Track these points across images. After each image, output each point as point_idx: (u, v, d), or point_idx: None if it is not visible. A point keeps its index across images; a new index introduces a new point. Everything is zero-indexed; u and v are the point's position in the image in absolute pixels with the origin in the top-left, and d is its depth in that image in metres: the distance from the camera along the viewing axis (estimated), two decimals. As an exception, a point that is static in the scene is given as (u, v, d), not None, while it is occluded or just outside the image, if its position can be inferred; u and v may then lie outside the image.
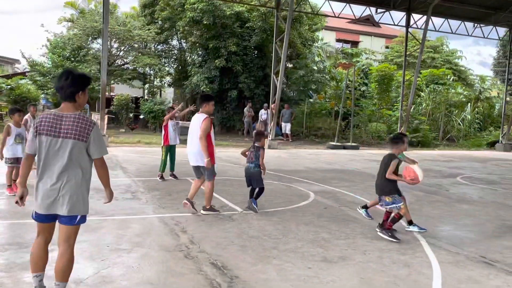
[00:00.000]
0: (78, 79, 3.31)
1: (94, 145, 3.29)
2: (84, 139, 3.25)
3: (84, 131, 3.25)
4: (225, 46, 20.89)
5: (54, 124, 3.23)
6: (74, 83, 3.28)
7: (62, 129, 3.23)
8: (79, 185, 3.29)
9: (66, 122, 3.24)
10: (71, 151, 3.23)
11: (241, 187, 8.74)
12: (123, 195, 7.51)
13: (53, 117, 3.26)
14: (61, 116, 3.26)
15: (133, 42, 23.22)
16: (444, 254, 5.10)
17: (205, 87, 21.10)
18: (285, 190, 8.70)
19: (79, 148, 3.26)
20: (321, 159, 14.63)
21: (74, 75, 3.31)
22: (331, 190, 8.93)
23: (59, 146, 3.23)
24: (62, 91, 3.28)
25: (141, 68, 23.96)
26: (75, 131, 3.23)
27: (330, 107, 23.37)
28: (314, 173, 11.32)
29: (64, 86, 3.26)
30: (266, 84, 21.78)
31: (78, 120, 3.24)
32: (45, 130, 3.23)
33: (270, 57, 20.84)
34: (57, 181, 3.23)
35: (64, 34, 23.76)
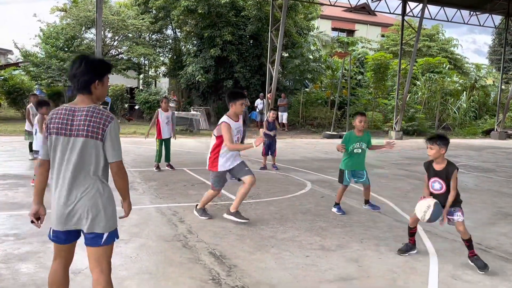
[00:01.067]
0: (94, 65, 2.67)
1: (110, 145, 2.63)
2: (99, 136, 2.60)
3: (98, 126, 2.60)
4: (220, 35, 20.77)
5: (65, 121, 2.62)
6: (89, 70, 2.65)
7: (73, 125, 2.61)
8: (100, 195, 2.66)
9: (78, 117, 2.61)
10: (83, 151, 2.60)
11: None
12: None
13: (65, 111, 2.65)
14: (73, 110, 2.64)
15: (127, 32, 23.02)
16: (440, 242, 5.15)
17: (200, 77, 21.02)
18: (282, 179, 8.72)
19: (94, 147, 2.62)
20: (318, 149, 14.65)
21: (89, 60, 2.68)
22: (328, 179, 8.96)
23: (71, 146, 2.61)
24: (75, 81, 2.65)
25: (136, 58, 23.78)
26: (87, 127, 2.59)
27: (326, 96, 23.35)
28: (311, 162, 11.33)
29: (77, 75, 2.64)
30: (262, 74, 21.70)
31: (91, 114, 2.61)
32: (55, 128, 2.63)
33: (266, 46, 20.74)
34: (72, 191, 2.62)
35: (57, 24, 23.50)
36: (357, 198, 7.34)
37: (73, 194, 2.61)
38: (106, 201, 2.68)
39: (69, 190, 2.61)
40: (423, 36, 31.08)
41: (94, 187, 2.64)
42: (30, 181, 7.40)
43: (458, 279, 4.06)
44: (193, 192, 7.23)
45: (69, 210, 2.61)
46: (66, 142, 2.61)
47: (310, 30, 24.56)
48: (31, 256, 4.14)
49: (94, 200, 2.63)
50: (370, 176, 6.58)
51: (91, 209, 2.62)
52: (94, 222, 2.63)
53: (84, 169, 2.61)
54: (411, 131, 21.98)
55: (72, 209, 2.61)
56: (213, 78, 21.65)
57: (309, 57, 22.56)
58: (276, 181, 8.50)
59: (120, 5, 25.86)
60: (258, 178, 8.69)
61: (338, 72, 23.05)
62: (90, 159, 2.61)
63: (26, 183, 7.34)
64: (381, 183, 8.77)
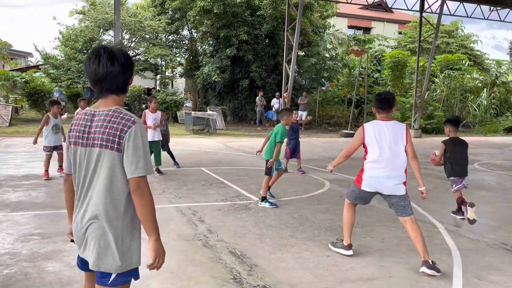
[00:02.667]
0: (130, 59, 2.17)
1: (129, 156, 2.04)
2: (116, 145, 2.05)
3: (115, 134, 2.05)
4: (236, 35, 20.81)
5: (83, 128, 2.14)
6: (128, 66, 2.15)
7: (90, 133, 2.11)
8: (113, 224, 2.08)
9: (95, 123, 2.12)
10: (99, 166, 2.09)
11: (256, 176, 8.77)
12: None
13: (84, 117, 2.17)
14: (92, 114, 2.15)
15: (144, 33, 23.26)
16: (464, 241, 5.07)
17: (216, 77, 21.10)
18: (300, 179, 8.70)
19: (111, 161, 2.06)
20: (335, 147, 14.57)
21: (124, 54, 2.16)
22: (347, 178, 8.91)
23: (88, 159, 2.12)
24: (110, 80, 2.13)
25: (153, 59, 24.01)
26: (102, 135, 2.07)
27: (342, 94, 23.21)
28: (328, 161, 11.18)
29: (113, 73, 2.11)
30: (278, 73, 21.68)
31: (109, 119, 2.08)
32: (74, 137, 2.17)
33: (282, 46, 20.70)
34: (84, 213, 2.13)
35: (76, 27, 23.89)
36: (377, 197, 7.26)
37: (85, 217, 2.10)
38: (124, 232, 2.10)
39: (84, 211, 2.12)
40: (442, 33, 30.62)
41: (109, 211, 2.07)
42: (54, 181, 7.55)
43: (483, 280, 3.99)
44: (212, 192, 7.27)
45: (81, 234, 2.13)
46: (84, 154, 2.11)
47: (326, 28, 24.45)
48: (56, 254, 4.22)
49: (105, 228, 2.07)
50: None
51: (100, 240, 2.08)
52: (100, 256, 2.08)
53: (96, 186, 2.08)
54: (430, 129, 21.69)
55: (84, 233, 2.12)
56: (229, 77, 21.72)
57: (326, 56, 22.46)
58: (294, 181, 8.48)
59: (137, 7, 26.16)
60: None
61: (355, 70, 22.88)
62: (102, 175, 2.06)
63: (49, 183, 7.49)
64: (400, 182, 8.68)
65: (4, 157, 10.17)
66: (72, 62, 21.06)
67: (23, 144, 12.63)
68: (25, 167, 8.97)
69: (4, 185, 7.21)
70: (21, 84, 19.86)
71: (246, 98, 22.40)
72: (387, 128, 4.29)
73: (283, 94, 18.62)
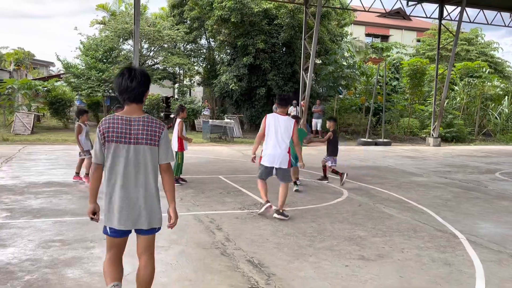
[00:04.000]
0: (147, 77, 2.95)
1: (163, 149, 2.98)
2: (156, 143, 2.95)
3: (155, 134, 2.94)
4: (253, 43, 20.91)
5: (124, 130, 2.89)
6: (144, 82, 2.93)
7: (132, 134, 2.90)
8: (156, 195, 3.00)
9: (135, 127, 2.91)
10: (145, 158, 2.93)
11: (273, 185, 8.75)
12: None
13: (121, 121, 2.91)
14: (129, 120, 2.92)
15: (162, 42, 23.55)
16: (486, 253, 4.95)
17: (233, 85, 21.18)
18: (318, 187, 8.64)
19: (152, 154, 2.95)
20: (353, 156, 14.45)
21: (143, 73, 2.95)
22: (365, 187, 8.82)
23: (134, 154, 2.90)
24: (130, 92, 2.89)
25: (171, 67, 24.27)
26: (146, 135, 2.91)
27: (360, 102, 23.06)
28: (346, 170, 11.14)
29: (132, 87, 2.88)
30: (295, 81, 21.68)
31: (148, 123, 2.93)
32: (114, 137, 2.89)
33: (299, 54, 20.72)
34: (137, 193, 2.92)
35: (96, 36, 24.34)
36: (396, 206, 7.18)
37: (136, 194, 2.92)
38: (159, 198, 3.04)
39: (134, 191, 2.92)
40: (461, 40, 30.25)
41: (154, 187, 2.98)
42: (74, 188, 7.67)
43: (506, 292, 3.89)
44: (229, 200, 7.27)
45: (134, 208, 2.93)
46: (127, 150, 2.90)
47: (343, 36, 24.38)
48: (76, 261, 4.27)
49: (153, 198, 2.98)
50: (408, 184, 6.41)
51: (152, 205, 2.98)
52: (153, 218, 2.99)
53: (145, 172, 2.93)
54: (450, 137, 21.36)
55: (138, 207, 2.93)
56: (246, 86, 21.80)
57: (343, 64, 22.37)
58: (311, 189, 8.43)
59: (156, 17, 26.54)
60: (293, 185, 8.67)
61: (372, 78, 22.73)
62: (150, 164, 2.94)
63: (69, 190, 7.60)
64: (420, 191, 8.55)
65: (26, 164, 10.38)
66: (92, 71, 21.42)
67: (44, 151, 12.87)
68: (47, 174, 9.13)
69: (26, 192, 7.35)
70: (43, 93, 20.27)
71: (263, 106, 22.43)
72: (282, 121, 6.11)
73: (300, 102, 18.59)
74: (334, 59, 21.89)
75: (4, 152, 12.28)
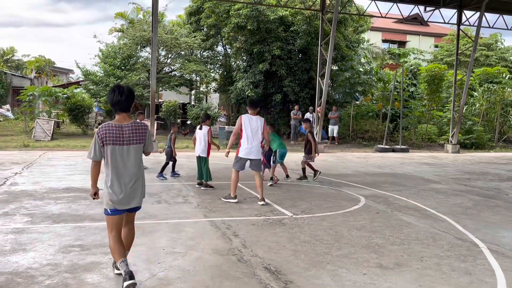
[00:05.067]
0: (132, 92, 3.93)
1: (149, 143, 4.05)
2: (143, 141, 3.97)
3: (142, 134, 3.95)
4: (269, 50, 20.96)
5: (117, 134, 3.84)
6: (131, 95, 3.90)
7: (125, 137, 3.86)
8: (143, 179, 4.05)
9: (126, 131, 3.88)
10: (136, 154, 3.94)
11: (289, 191, 8.73)
12: (174, 199, 7.69)
13: (115, 128, 3.85)
14: (121, 126, 3.88)
15: (180, 50, 23.79)
16: (508, 262, 4.84)
17: (250, 92, 21.23)
18: (335, 195, 8.59)
19: (140, 149, 3.98)
20: (370, 163, 14.33)
21: (128, 88, 3.92)
22: (382, 194, 8.73)
23: (127, 152, 3.88)
24: (121, 104, 3.85)
25: (188, 74, 24.47)
26: (136, 137, 3.92)
27: (377, 109, 22.88)
28: (364, 177, 11.09)
29: (122, 100, 3.84)
30: (311, 87, 21.64)
31: (136, 128, 3.93)
32: (111, 140, 3.83)
33: (315, 60, 20.69)
34: (131, 181, 3.90)
35: (115, 44, 24.73)
36: (414, 214, 7.08)
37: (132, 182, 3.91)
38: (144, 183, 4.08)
39: (131, 179, 3.90)
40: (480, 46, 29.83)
41: (142, 174, 4.03)
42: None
43: (530, 303, 3.79)
44: (246, 206, 7.27)
45: (132, 193, 3.91)
46: (121, 150, 3.85)
47: (360, 43, 24.28)
48: (95, 266, 4.32)
49: (142, 182, 4.02)
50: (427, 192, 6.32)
51: (142, 188, 4.01)
52: (142, 197, 4.02)
53: (136, 164, 3.93)
54: (469, 144, 21.00)
55: (134, 191, 3.92)
56: (262, 92, 21.83)
57: (360, 70, 22.26)
58: (328, 196, 8.38)
59: (173, 24, 26.85)
60: (309, 192, 8.64)
61: (389, 84, 22.54)
62: (139, 157, 3.97)
63: (88, 196, 7.66)
64: (439, 199, 8.42)
65: (46, 169, 10.56)
66: (110, 78, 21.75)
67: (64, 157, 13.08)
68: (66, 180, 9.28)
69: (46, 197, 7.47)
70: (63, 100, 20.64)
71: (279, 113, 22.43)
72: (254, 121, 7.33)
73: (316, 109, 18.55)
74: (351, 65, 21.80)
75: (25, 158, 12.53)
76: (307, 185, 9.58)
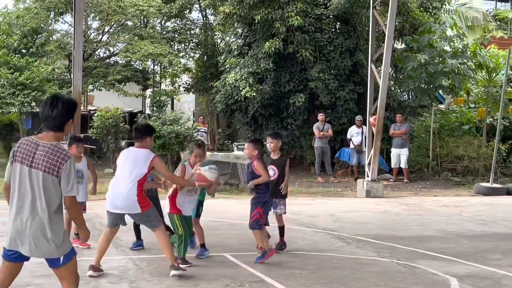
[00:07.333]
0: (69, 106, 4.82)
1: (64, 181, 4.73)
2: (55, 173, 4.69)
3: (56, 164, 4.68)
4: (282, 17, 21.09)
5: (29, 152, 4.72)
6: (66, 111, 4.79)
7: (35, 158, 4.70)
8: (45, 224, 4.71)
9: (39, 152, 4.71)
10: (40, 184, 4.69)
11: (321, 269, 8.65)
12: (114, 286, 7.62)
13: (30, 144, 4.77)
14: (37, 144, 4.75)
15: (124, 18, 24.03)
16: None
17: (248, 91, 21.24)
18: (405, 274, 8.56)
19: (50, 182, 4.71)
20: (467, 215, 14.27)
21: (65, 101, 4.82)
22: (490, 272, 8.67)
23: (30, 177, 4.71)
24: (51, 121, 4.76)
25: (139, 61, 24.67)
26: (45, 163, 4.67)
27: (477, 118, 22.89)
28: (456, 241, 11.03)
29: (53, 116, 4.74)
30: (358, 82, 21.79)
31: (51, 151, 4.71)
32: (20, 157, 4.75)
33: (363, 34, 20.92)
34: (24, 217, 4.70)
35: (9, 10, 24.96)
36: None
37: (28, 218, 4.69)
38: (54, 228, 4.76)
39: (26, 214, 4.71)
40: None
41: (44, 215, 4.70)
42: None
43: None
44: None
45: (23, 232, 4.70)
46: (26, 172, 4.71)
47: (444, 2, 24.43)
48: None
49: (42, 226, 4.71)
50: None
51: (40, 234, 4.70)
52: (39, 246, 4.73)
53: (37, 198, 4.68)
54: None
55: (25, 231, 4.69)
56: (272, 91, 21.88)
57: (445, 49, 22.35)
58: (393, 278, 8.31)
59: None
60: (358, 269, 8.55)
61: (499, 73, 22.60)
62: (44, 191, 4.67)
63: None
64: None
65: None
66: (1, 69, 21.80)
67: None
68: None
69: None
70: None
71: (302, 127, 22.45)
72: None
73: (368, 119, 18.55)
74: (428, 41, 21.89)
75: None
76: (350, 257, 9.53)
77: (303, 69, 21.98)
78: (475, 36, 27.54)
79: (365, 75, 20.15)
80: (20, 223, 4.72)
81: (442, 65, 21.61)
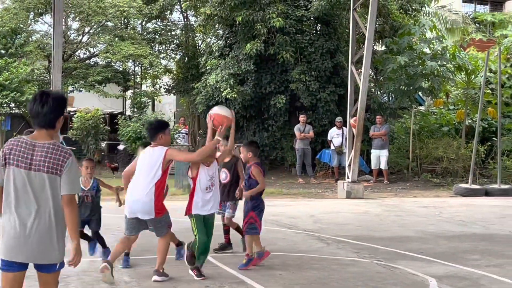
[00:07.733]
0: (60, 102, 4.66)
1: (66, 178, 4.55)
2: (58, 172, 4.53)
3: (58, 162, 4.53)
4: (263, 19, 21.11)
5: (25, 154, 4.52)
6: (56, 107, 4.60)
7: (33, 160, 4.50)
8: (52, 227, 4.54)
9: (38, 153, 4.52)
10: (47, 186, 4.51)
11: (301, 269, 8.67)
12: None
13: (25, 145, 4.55)
14: (33, 144, 4.56)
15: (104, 19, 23.93)
16: None
17: (230, 92, 21.25)
18: (384, 274, 8.60)
19: (53, 183, 4.53)
20: (446, 216, 14.36)
21: (55, 97, 4.62)
22: (468, 273, 8.73)
23: (30, 180, 4.50)
24: (41, 117, 4.56)
25: (120, 62, 24.56)
26: (47, 163, 4.50)
27: (456, 120, 23.02)
28: (435, 241, 11.12)
29: (43, 112, 4.54)
30: (339, 83, 21.83)
31: (51, 151, 4.54)
32: (15, 160, 4.51)
33: (344, 36, 20.97)
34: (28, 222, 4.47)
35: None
36: None
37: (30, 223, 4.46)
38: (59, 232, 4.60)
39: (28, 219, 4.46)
40: None
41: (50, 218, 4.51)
42: None
43: None
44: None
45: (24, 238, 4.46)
46: (26, 176, 4.48)
47: (424, 4, 24.56)
48: None
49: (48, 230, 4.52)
50: None
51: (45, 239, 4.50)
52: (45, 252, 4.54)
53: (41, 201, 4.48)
54: None
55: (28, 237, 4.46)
56: (253, 93, 21.89)
57: (424, 51, 22.46)
58: (372, 279, 8.35)
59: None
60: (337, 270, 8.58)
61: (477, 75, 22.76)
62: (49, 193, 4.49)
63: None
64: None
65: None
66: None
67: None
68: None
69: None
70: None
71: (283, 128, 22.47)
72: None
73: (348, 120, 18.60)
74: (408, 43, 22.00)
75: None
76: (330, 258, 9.57)
77: (284, 71, 22.01)
78: (455, 39, 27.72)
79: (346, 76, 20.22)
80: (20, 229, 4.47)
81: (422, 67, 21.74)
